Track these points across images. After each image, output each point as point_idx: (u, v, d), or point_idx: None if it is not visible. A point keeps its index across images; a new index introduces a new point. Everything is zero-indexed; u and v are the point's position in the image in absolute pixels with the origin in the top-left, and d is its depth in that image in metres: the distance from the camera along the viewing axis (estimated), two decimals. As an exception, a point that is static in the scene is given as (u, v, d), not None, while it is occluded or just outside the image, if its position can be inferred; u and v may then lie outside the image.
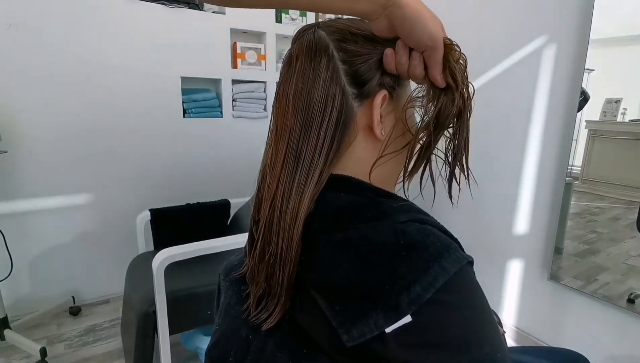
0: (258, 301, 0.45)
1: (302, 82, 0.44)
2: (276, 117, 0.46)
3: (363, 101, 0.45)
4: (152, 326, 1.25)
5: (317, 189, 0.42)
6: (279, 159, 0.44)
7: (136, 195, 1.98)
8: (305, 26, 0.48)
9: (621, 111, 1.29)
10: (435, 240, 0.37)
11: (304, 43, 0.46)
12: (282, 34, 2.25)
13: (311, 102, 0.43)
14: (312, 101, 0.43)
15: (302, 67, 0.45)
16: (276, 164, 0.44)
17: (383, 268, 0.36)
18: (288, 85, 0.45)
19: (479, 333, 0.35)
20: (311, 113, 0.43)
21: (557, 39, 1.41)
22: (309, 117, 0.43)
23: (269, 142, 0.47)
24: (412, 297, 0.33)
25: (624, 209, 1.29)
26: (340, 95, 0.43)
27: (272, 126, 0.47)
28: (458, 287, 0.35)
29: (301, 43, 0.46)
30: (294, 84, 0.45)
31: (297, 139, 0.43)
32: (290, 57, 0.47)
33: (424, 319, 0.33)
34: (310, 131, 0.43)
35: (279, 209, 0.43)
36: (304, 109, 0.43)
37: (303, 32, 0.48)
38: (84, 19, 1.73)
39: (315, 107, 0.43)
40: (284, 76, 0.47)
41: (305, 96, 0.44)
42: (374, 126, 0.45)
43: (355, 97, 0.44)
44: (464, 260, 0.36)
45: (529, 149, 1.54)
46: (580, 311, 1.42)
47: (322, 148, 0.43)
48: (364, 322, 0.34)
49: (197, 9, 1.99)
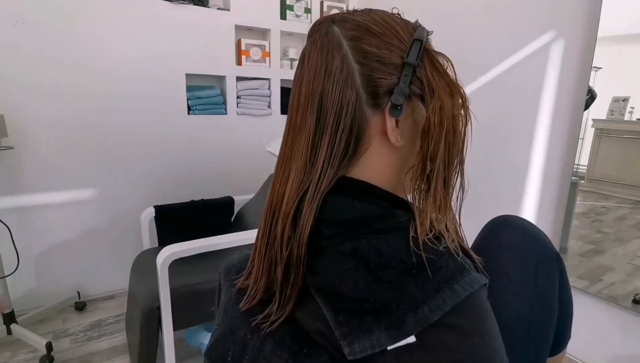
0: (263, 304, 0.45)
1: (314, 83, 0.42)
2: (290, 118, 0.45)
3: (378, 109, 0.42)
4: (157, 322, 1.26)
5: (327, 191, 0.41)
6: (294, 159, 0.43)
7: (141, 191, 1.99)
8: (319, 20, 0.45)
9: (628, 109, 1.27)
10: (449, 259, 0.36)
11: (316, 40, 0.43)
12: (287, 30, 2.24)
13: (324, 105, 0.41)
14: (326, 104, 0.41)
15: (314, 66, 0.42)
16: (289, 163, 0.43)
17: (392, 284, 0.35)
18: (302, 85, 0.43)
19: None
20: (324, 117, 0.41)
21: (564, 36, 1.39)
22: (322, 121, 0.41)
23: (284, 141, 0.45)
24: (419, 318, 0.32)
25: (630, 209, 1.27)
26: (354, 100, 0.41)
27: (287, 126, 0.45)
28: (468, 312, 0.34)
29: (313, 40, 0.44)
30: (306, 85, 0.43)
31: (310, 142, 0.42)
32: (303, 55, 0.45)
33: (428, 341, 0.32)
34: (323, 134, 0.41)
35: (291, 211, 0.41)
36: (317, 112, 0.41)
37: (316, 27, 0.45)
38: (89, 15, 1.73)
39: (328, 111, 0.41)
40: (298, 75, 0.45)
41: (318, 98, 0.41)
42: (389, 132, 0.42)
43: (369, 105, 0.42)
44: (477, 283, 0.35)
45: (535, 148, 1.53)
46: (585, 311, 1.41)
47: (335, 152, 0.41)
48: (366, 338, 0.34)
49: (202, 5, 1.99)
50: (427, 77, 0.41)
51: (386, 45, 0.41)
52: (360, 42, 0.41)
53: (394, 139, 0.42)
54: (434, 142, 0.40)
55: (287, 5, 2.22)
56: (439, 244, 0.37)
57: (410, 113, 0.43)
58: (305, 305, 0.41)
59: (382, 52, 0.41)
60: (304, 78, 0.43)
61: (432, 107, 0.40)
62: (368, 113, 0.42)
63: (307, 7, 2.28)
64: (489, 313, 0.35)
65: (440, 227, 0.39)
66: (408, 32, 0.43)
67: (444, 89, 0.41)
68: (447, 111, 0.40)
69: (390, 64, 0.41)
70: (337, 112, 0.41)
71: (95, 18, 1.75)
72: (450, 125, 0.40)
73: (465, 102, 0.41)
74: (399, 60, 0.41)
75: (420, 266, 0.35)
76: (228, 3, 2.06)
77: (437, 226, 0.39)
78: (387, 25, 0.42)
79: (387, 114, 0.41)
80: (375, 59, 0.41)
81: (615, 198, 1.31)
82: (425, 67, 0.41)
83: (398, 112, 0.40)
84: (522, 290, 0.56)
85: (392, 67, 0.41)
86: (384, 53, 0.41)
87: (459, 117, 0.41)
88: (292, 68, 2.31)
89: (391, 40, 0.42)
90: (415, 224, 0.39)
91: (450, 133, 0.40)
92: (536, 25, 1.48)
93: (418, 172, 0.41)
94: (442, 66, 0.42)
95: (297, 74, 0.45)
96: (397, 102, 0.40)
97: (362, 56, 0.41)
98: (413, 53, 0.41)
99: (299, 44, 2.40)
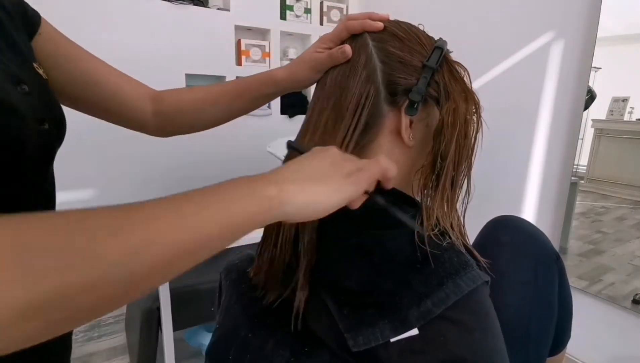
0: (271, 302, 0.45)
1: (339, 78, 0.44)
2: (310, 111, 0.47)
3: (394, 106, 0.44)
4: (156, 322, 1.26)
5: None
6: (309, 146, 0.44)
7: (141, 192, 1.99)
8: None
9: (628, 109, 1.28)
10: (452, 255, 0.36)
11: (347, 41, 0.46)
12: (287, 31, 2.24)
13: (346, 97, 0.43)
14: (347, 97, 0.43)
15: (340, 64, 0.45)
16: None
17: (395, 278, 0.35)
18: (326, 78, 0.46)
19: (486, 359, 0.34)
20: (342, 110, 0.43)
21: (564, 36, 1.39)
22: (339, 114, 0.43)
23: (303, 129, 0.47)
24: (422, 312, 0.33)
25: (630, 209, 1.28)
26: (373, 95, 0.43)
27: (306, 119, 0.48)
28: (470, 307, 0.34)
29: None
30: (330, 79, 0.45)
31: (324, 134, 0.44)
32: None
33: (431, 334, 0.33)
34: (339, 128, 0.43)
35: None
36: (336, 105, 0.44)
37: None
38: (88, 15, 1.73)
39: (349, 103, 0.43)
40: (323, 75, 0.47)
41: (340, 90, 0.44)
42: (402, 131, 0.44)
43: (387, 102, 0.44)
44: (479, 279, 0.35)
45: (535, 148, 1.53)
46: (585, 311, 1.41)
47: (348, 142, 0.43)
48: (370, 330, 0.34)
49: (202, 6, 1.99)
50: (444, 82, 0.43)
51: (409, 49, 0.44)
52: (385, 43, 0.44)
53: (407, 137, 0.44)
54: (446, 142, 0.41)
55: (287, 5, 2.22)
56: (443, 240, 0.38)
57: (424, 117, 0.45)
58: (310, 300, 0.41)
59: (405, 55, 0.44)
60: (329, 72, 0.46)
61: (447, 109, 0.42)
62: (385, 110, 0.44)
63: (307, 8, 2.28)
64: (491, 309, 0.36)
65: (446, 224, 0.41)
66: (430, 42, 0.46)
67: (459, 94, 0.43)
68: (461, 114, 0.42)
69: (411, 66, 0.43)
70: (356, 103, 0.43)
71: (94, 18, 1.75)
72: (463, 128, 0.42)
73: (479, 109, 0.44)
74: (420, 63, 0.43)
75: (424, 261, 0.36)
76: (228, 3, 2.06)
77: (442, 222, 0.40)
78: (411, 32, 0.45)
79: (403, 112, 0.43)
80: (398, 60, 0.43)
81: (614, 198, 1.31)
82: (444, 73, 0.44)
83: (414, 111, 0.43)
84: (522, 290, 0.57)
85: (413, 69, 0.43)
86: (406, 55, 0.44)
87: (471, 122, 0.43)
88: (291, 68, 2.31)
89: (414, 45, 0.44)
90: (420, 219, 0.40)
91: (462, 136, 0.42)
92: (536, 25, 1.48)
93: (428, 169, 0.43)
94: (459, 73, 0.45)
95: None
96: (415, 99, 0.42)
97: (386, 55, 0.44)
98: (433, 58, 0.43)
99: (299, 45, 2.40)
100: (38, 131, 0.44)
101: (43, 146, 0.47)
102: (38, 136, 0.44)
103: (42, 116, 0.45)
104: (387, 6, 2.17)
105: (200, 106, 0.64)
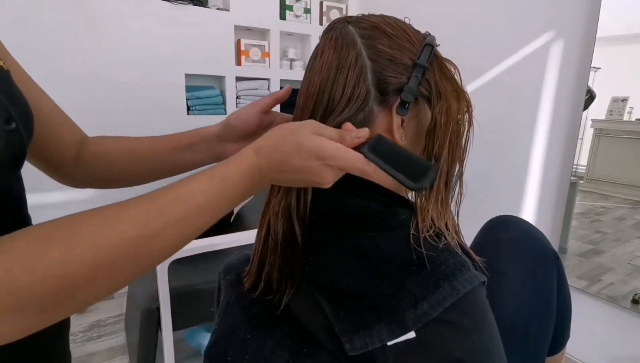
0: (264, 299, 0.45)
1: (326, 76, 0.42)
2: (297, 107, 0.46)
3: (385, 106, 0.43)
4: (156, 322, 1.26)
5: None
6: None
7: (140, 192, 1.98)
8: (335, 20, 0.47)
9: (627, 110, 1.28)
10: (448, 256, 0.36)
11: (331, 37, 0.44)
12: (287, 31, 2.24)
13: (334, 98, 0.42)
14: (335, 97, 0.42)
15: (327, 60, 0.43)
16: None
17: (392, 280, 0.35)
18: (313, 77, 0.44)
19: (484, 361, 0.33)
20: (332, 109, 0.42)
21: (563, 36, 1.39)
22: (329, 113, 0.42)
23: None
24: (419, 314, 0.33)
25: (630, 209, 1.28)
26: (364, 95, 0.41)
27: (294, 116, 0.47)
28: (467, 309, 0.34)
29: (329, 37, 0.45)
30: (318, 78, 0.43)
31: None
32: (317, 50, 0.46)
33: (428, 336, 0.33)
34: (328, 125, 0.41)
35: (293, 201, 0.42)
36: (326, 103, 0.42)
37: (332, 26, 0.46)
38: (88, 15, 1.73)
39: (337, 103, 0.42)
40: (310, 68, 0.45)
41: (329, 90, 0.42)
42: (394, 130, 0.43)
43: (378, 102, 0.42)
44: (476, 280, 0.35)
45: (534, 148, 1.53)
46: (584, 311, 1.41)
47: None
48: (367, 333, 0.34)
49: (201, 6, 1.99)
50: (435, 80, 0.42)
51: (398, 46, 0.43)
52: (374, 41, 0.42)
53: (399, 137, 0.43)
54: (439, 142, 0.41)
55: (287, 5, 2.22)
56: (438, 241, 0.38)
57: (415, 115, 0.44)
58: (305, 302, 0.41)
59: (394, 52, 0.42)
60: (316, 71, 0.44)
61: (439, 108, 0.41)
62: (375, 110, 0.43)
63: (306, 7, 2.28)
64: (488, 310, 0.36)
65: (441, 224, 0.40)
66: (419, 38, 0.44)
67: (451, 92, 0.42)
68: (453, 113, 0.41)
69: (401, 64, 0.42)
70: (345, 104, 0.41)
71: (94, 18, 1.74)
72: (455, 127, 0.42)
73: (470, 107, 0.43)
74: (410, 61, 0.42)
75: (420, 263, 0.35)
76: (227, 3, 2.06)
77: (437, 223, 0.40)
78: (400, 28, 0.44)
79: (394, 112, 0.42)
80: (387, 58, 0.42)
81: (614, 198, 1.31)
82: (434, 71, 0.43)
83: (405, 111, 0.42)
84: (521, 290, 0.57)
85: (403, 67, 0.42)
86: (395, 53, 0.42)
87: (463, 121, 0.43)
88: (291, 68, 2.31)
89: (403, 42, 0.43)
90: (415, 221, 0.39)
91: (455, 135, 0.42)
92: (536, 25, 1.48)
93: None
94: (450, 71, 0.44)
95: (309, 67, 0.46)
96: (407, 100, 0.41)
97: (375, 53, 0.42)
98: (424, 56, 0.42)
99: (299, 44, 2.40)
100: (7, 132, 0.38)
101: (12, 149, 0.40)
102: (7, 137, 0.38)
103: (8, 114, 0.39)
104: (387, 6, 2.17)
105: (129, 155, 0.58)
